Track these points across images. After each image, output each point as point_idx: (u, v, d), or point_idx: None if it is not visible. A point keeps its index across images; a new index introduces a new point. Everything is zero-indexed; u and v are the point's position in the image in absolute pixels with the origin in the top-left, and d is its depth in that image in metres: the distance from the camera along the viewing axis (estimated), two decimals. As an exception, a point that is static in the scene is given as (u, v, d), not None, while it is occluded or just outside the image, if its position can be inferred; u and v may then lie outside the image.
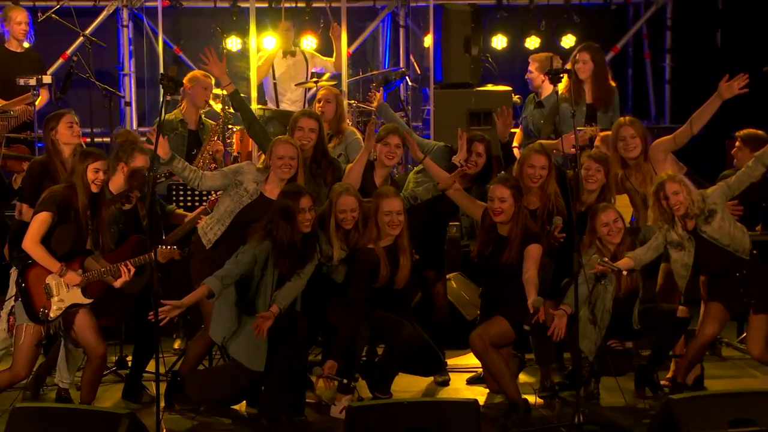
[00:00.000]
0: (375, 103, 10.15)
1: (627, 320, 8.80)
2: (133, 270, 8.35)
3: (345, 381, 8.53)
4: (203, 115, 10.66)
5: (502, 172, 9.29)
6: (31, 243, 8.15)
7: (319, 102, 10.02)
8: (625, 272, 8.57)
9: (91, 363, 8.42)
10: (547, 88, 10.68)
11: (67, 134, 8.97)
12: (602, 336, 8.67)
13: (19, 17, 11.69)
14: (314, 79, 11.94)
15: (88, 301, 8.31)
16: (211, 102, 10.92)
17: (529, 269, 8.45)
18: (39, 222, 8.14)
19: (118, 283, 8.34)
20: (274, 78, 12.11)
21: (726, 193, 8.73)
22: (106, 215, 8.41)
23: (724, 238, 8.65)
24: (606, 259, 8.55)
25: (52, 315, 8.21)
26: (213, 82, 10.49)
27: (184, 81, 10.25)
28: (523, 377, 9.29)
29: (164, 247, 8.48)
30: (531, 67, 10.92)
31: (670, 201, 8.59)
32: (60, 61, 13.28)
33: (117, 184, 8.64)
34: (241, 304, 8.41)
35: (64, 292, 8.24)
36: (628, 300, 8.77)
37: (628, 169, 9.22)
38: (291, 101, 12.18)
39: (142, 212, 8.74)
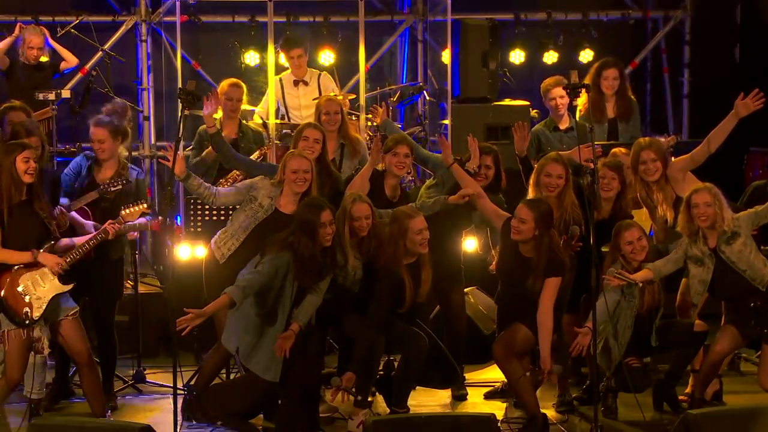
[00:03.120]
0: (378, 120, 10.16)
1: (647, 337, 8.78)
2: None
3: (359, 398, 8.54)
4: (244, 122, 10.75)
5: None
6: None
7: (327, 114, 9.90)
8: (640, 284, 8.56)
9: (82, 371, 8.47)
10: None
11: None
12: (622, 352, 8.65)
13: (32, 41, 11.76)
14: (333, 93, 11.91)
15: (68, 287, 8.31)
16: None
17: (545, 307, 8.50)
18: None
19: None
20: (284, 101, 12.06)
21: (754, 220, 8.71)
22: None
23: (742, 262, 8.62)
24: (621, 271, 8.54)
25: (35, 315, 8.20)
26: (245, 89, 10.69)
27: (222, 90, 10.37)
28: (540, 392, 9.26)
29: (129, 209, 8.60)
30: (560, 92, 10.73)
31: (699, 210, 8.56)
32: (79, 75, 13.32)
33: None
34: (258, 315, 8.41)
35: (41, 289, 8.23)
36: (649, 317, 8.76)
37: (649, 189, 9.20)
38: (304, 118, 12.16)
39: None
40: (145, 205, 8.79)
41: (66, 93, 11.19)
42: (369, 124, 11.96)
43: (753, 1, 14.36)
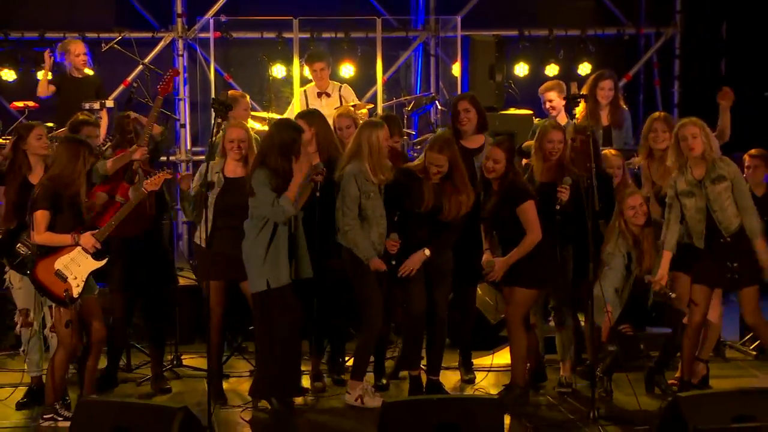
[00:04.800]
0: None
1: (644, 297, 8.78)
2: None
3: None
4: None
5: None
6: (41, 235, 8.15)
7: (341, 130, 9.52)
8: (674, 295, 8.59)
9: (94, 348, 8.42)
10: (564, 116, 10.69)
11: (36, 145, 8.77)
12: (622, 306, 8.69)
13: (77, 49, 11.80)
14: (352, 104, 11.93)
15: (101, 263, 8.32)
16: (251, 123, 10.93)
17: (528, 234, 8.55)
18: (40, 218, 8.14)
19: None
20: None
21: (739, 185, 8.64)
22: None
23: (717, 203, 8.58)
24: (662, 285, 8.60)
25: (75, 294, 8.23)
26: (248, 98, 10.56)
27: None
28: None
29: (150, 178, 8.58)
30: (551, 96, 10.88)
31: (687, 142, 8.57)
32: (121, 87, 13.38)
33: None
34: (269, 243, 8.34)
35: (76, 269, 8.24)
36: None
37: (651, 160, 9.19)
38: None
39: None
40: (168, 171, 8.77)
41: (110, 103, 11.23)
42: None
43: (738, 18, 14.35)
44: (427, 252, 8.70)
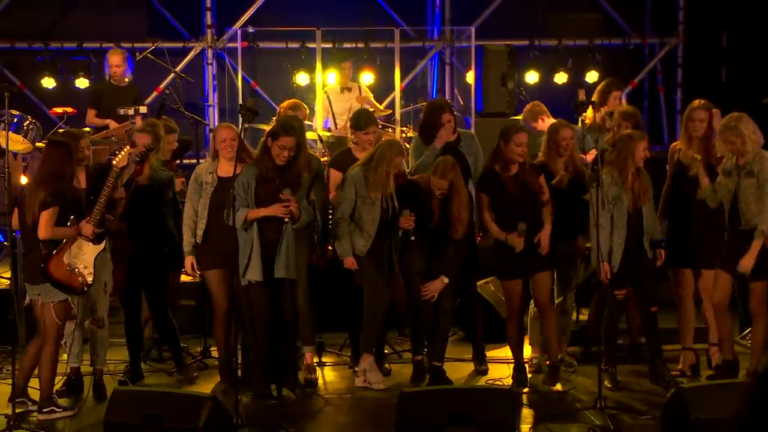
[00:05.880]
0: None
1: (638, 241, 8.73)
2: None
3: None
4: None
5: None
6: (50, 231, 7.96)
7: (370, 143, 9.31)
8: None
9: (47, 346, 8.11)
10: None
11: (86, 154, 8.77)
12: (621, 249, 8.63)
13: (113, 60, 11.81)
14: (371, 110, 11.91)
15: (102, 245, 8.16)
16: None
17: (548, 202, 8.69)
18: (51, 215, 7.98)
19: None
20: (331, 110, 12.10)
21: (764, 186, 8.51)
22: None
23: (743, 195, 8.45)
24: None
25: (90, 281, 8.13)
26: (307, 110, 10.53)
27: (282, 107, 10.32)
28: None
29: (117, 157, 8.41)
30: (535, 124, 10.83)
31: (728, 147, 8.50)
32: (155, 93, 13.41)
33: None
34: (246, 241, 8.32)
35: (83, 257, 8.10)
36: (638, 215, 8.70)
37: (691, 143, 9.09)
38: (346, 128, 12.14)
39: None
40: (128, 147, 8.63)
41: (143, 109, 11.25)
42: (403, 135, 11.98)
43: (737, 28, 14.30)
44: (446, 280, 8.73)
